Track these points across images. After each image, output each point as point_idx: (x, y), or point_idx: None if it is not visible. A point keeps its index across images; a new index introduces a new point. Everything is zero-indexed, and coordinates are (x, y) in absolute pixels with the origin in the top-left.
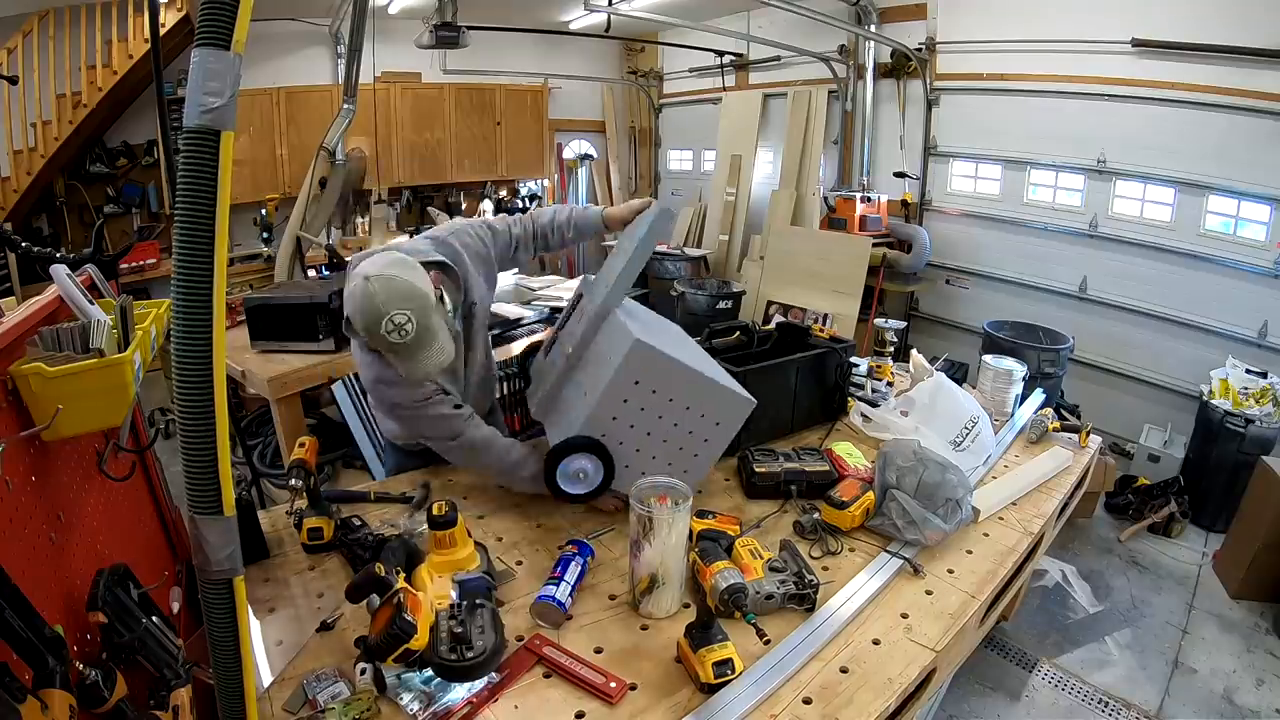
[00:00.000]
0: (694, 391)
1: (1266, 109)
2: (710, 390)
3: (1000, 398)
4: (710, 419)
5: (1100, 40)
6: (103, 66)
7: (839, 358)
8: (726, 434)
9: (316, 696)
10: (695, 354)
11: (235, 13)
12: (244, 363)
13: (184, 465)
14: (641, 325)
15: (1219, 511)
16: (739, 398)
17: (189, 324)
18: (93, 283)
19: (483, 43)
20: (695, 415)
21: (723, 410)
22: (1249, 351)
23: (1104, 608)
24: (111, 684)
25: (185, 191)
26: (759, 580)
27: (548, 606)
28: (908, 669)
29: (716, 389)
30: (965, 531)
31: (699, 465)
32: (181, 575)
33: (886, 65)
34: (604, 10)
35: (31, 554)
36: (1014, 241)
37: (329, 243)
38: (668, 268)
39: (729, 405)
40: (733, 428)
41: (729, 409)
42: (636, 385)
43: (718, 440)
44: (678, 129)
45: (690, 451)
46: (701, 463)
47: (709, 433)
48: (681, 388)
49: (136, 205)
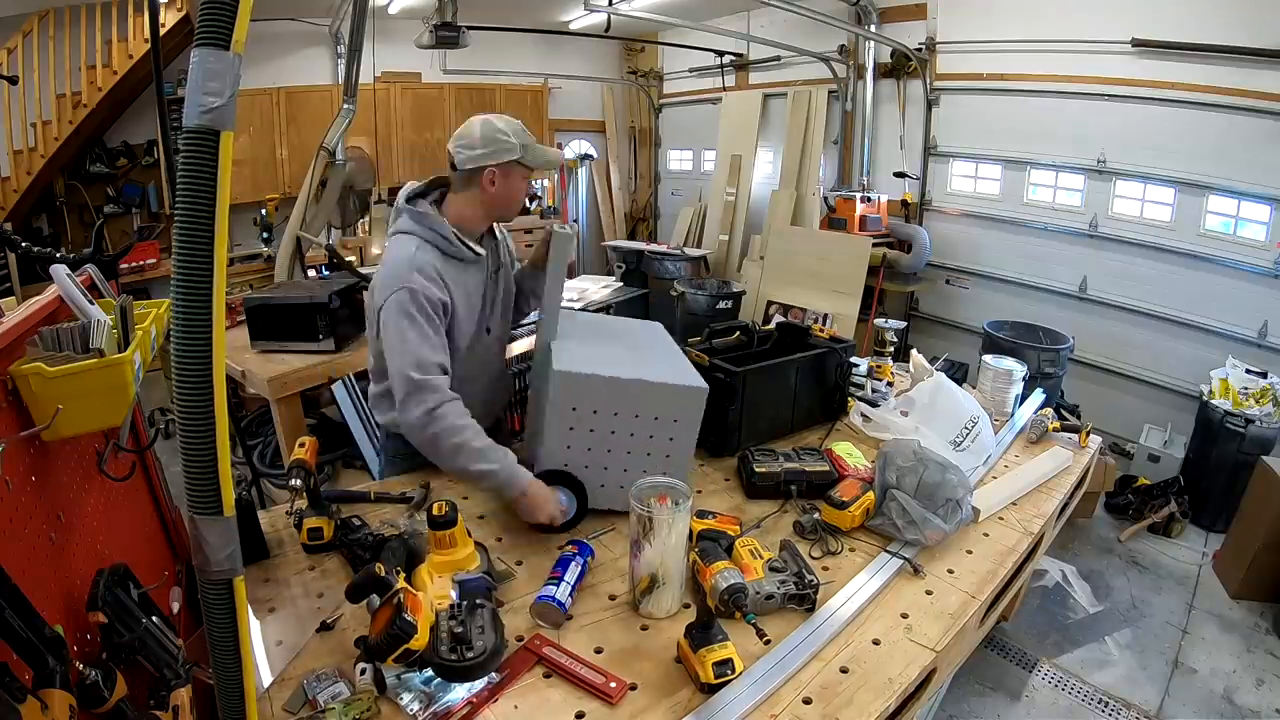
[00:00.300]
0: (638, 398)
1: (1266, 109)
2: (655, 391)
3: (1000, 398)
4: (667, 417)
5: (1100, 40)
6: (103, 66)
7: (839, 358)
8: (690, 427)
9: (316, 696)
10: (647, 354)
11: (235, 13)
12: (244, 363)
13: (184, 465)
14: (578, 345)
15: (1219, 511)
16: (689, 389)
17: (189, 324)
18: (93, 283)
19: (483, 43)
20: (650, 419)
21: (677, 406)
22: (1249, 351)
23: (1104, 608)
24: (111, 684)
25: (185, 191)
26: (759, 580)
27: (548, 606)
28: (908, 669)
29: (661, 389)
30: (965, 531)
31: (676, 463)
32: (181, 575)
33: (886, 65)
34: (604, 10)
35: (31, 554)
36: (1014, 241)
37: (329, 243)
38: (668, 268)
39: (680, 399)
40: (694, 419)
41: (682, 403)
42: (575, 411)
43: (684, 435)
44: (678, 129)
45: (662, 453)
46: (678, 460)
47: (672, 430)
48: (623, 399)
49: (136, 205)
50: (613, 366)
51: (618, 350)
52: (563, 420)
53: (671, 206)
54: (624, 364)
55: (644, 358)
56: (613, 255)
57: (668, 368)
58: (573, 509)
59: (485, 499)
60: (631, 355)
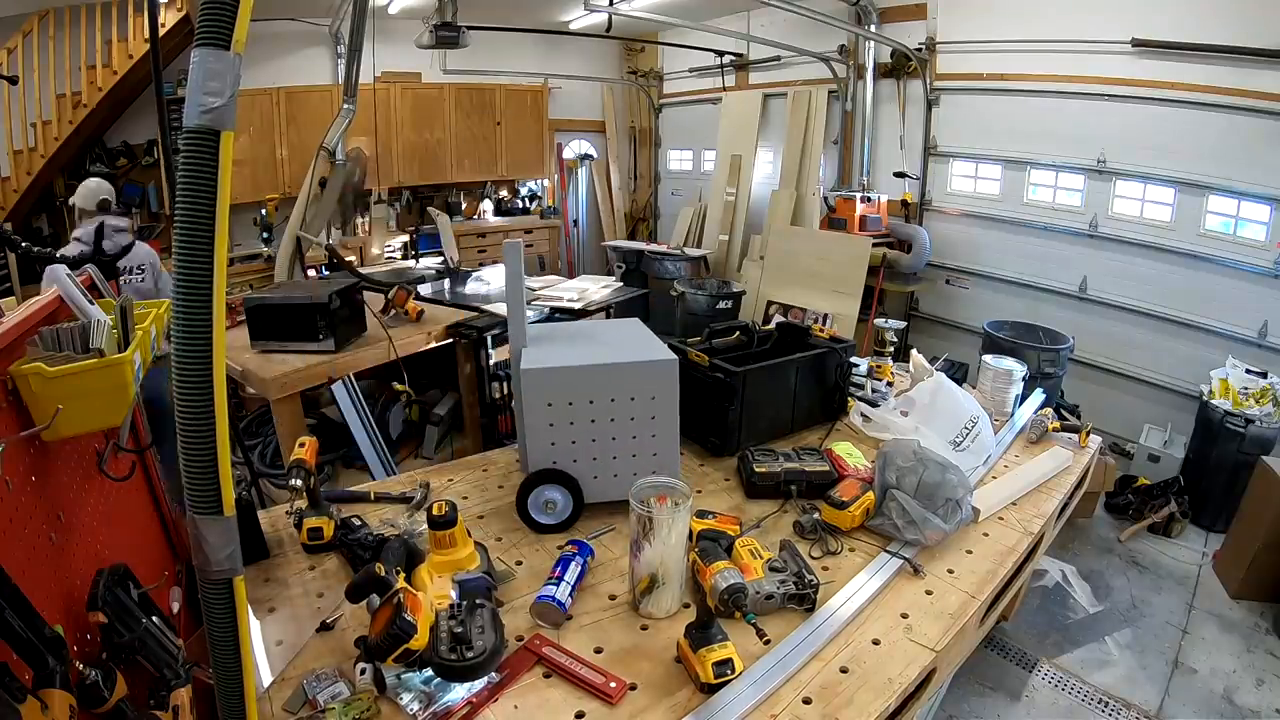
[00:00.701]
0: (606, 381)
1: (1266, 109)
2: (621, 371)
3: (1000, 398)
4: (644, 395)
5: (1100, 40)
6: (103, 66)
7: (839, 358)
8: (669, 403)
9: (316, 696)
10: (616, 345)
11: (235, 13)
12: (244, 363)
13: (184, 465)
14: (546, 346)
15: (1219, 511)
16: (656, 364)
17: (189, 324)
18: (93, 283)
19: (483, 43)
20: (626, 400)
21: (648, 383)
22: (1249, 351)
23: (1104, 608)
24: (111, 684)
25: (185, 191)
26: (759, 580)
27: (548, 606)
28: (908, 669)
29: (627, 368)
30: (965, 531)
31: (665, 444)
32: (181, 575)
33: (886, 65)
34: (604, 10)
35: (31, 554)
36: (1014, 241)
37: (329, 243)
38: (668, 268)
39: (651, 374)
40: (670, 394)
41: (653, 377)
42: (550, 407)
43: (665, 412)
44: (678, 129)
45: (648, 432)
46: (667, 441)
47: (652, 409)
48: (591, 386)
49: (136, 205)
50: (576, 358)
51: (587, 346)
52: (540, 417)
53: (671, 206)
54: (588, 354)
55: (613, 348)
56: (613, 255)
57: (634, 350)
58: (568, 507)
59: (485, 499)
60: (599, 348)
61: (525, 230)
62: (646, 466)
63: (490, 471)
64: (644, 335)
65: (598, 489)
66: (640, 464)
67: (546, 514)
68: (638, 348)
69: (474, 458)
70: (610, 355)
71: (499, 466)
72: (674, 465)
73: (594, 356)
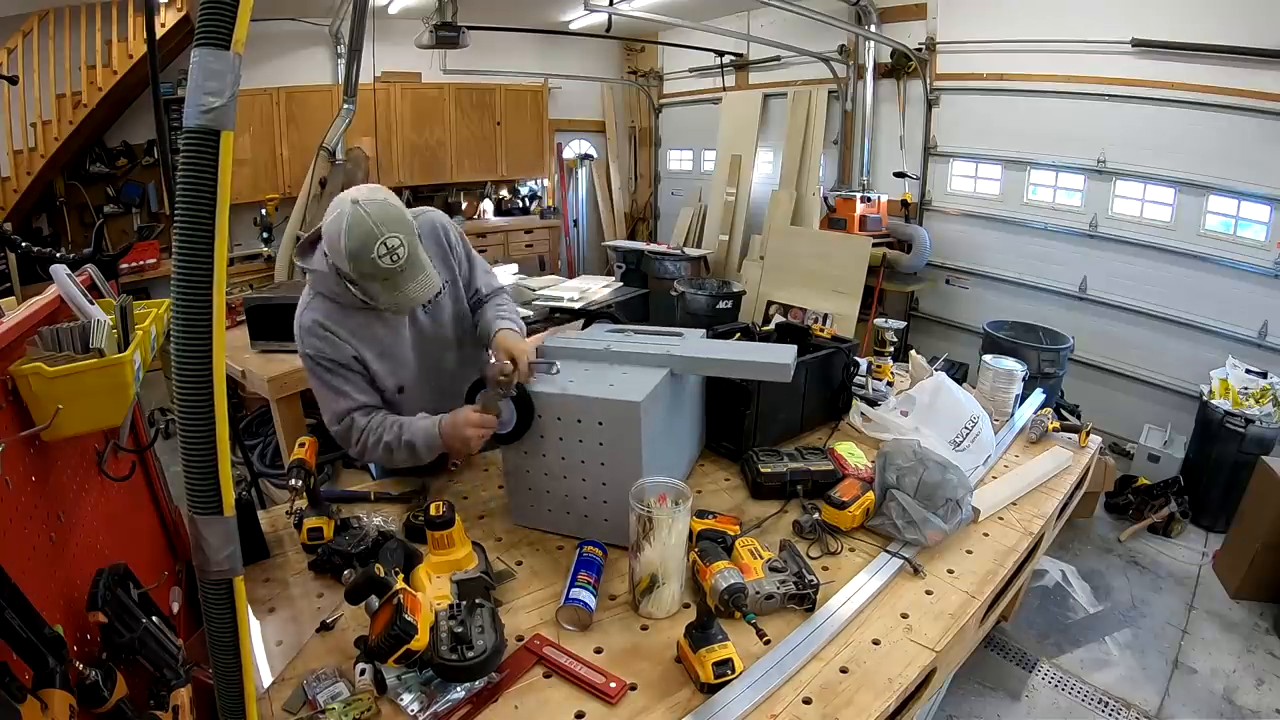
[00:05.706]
0: (575, 413)
1: (1266, 109)
2: (581, 405)
3: (1000, 398)
4: (606, 433)
5: (1100, 40)
6: (102, 66)
7: (845, 358)
8: (629, 446)
9: (316, 696)
10: (618, 371)
11: (235, 13)
12: (244, 363)
13: (184, 465)
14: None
15: (1219, 511)
16: (620, 404)
17: (189, 324)
18: (93, 283)
19: (483, 43)
20: (593, 441)
21: (609, 422)
22: (1249, 351)
23: (1104, 608)
24: (111, 684)
25: (185, 191)
26: (759, 580)
27: (577, 610)
28: (908, 669)
29: (593, 403)
30: (965, 531)
31: None
32: (181, 575)
33: (886, 65)
34: (604, 10)
35: (31, 554)
36: (1014, 241)
37: None
38: (668, 268)
39: (613, 413)
40: (633, 437)
41: (616, 418)
42: (543, 439)
43: (627, 455)
44: (678, 129)
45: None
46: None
47: (617, 448)
48: (561, 417)
49: (136, 205)
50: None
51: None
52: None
53: (671, 206)
54: (571, 382)
55: (607, 374)
56: (613, 255)
57: (611, 386)
58: (512, 418)
59: (485, 499)
60: (592, 372)
61: (525, 230)
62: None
63: (490, 471)
64: (650, 370)
65: (592, 526)
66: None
67: None
68: (624, 383)
69: (474, 457)
70: (577, 387)
71: (499, 466)
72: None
73: (562, 387)
